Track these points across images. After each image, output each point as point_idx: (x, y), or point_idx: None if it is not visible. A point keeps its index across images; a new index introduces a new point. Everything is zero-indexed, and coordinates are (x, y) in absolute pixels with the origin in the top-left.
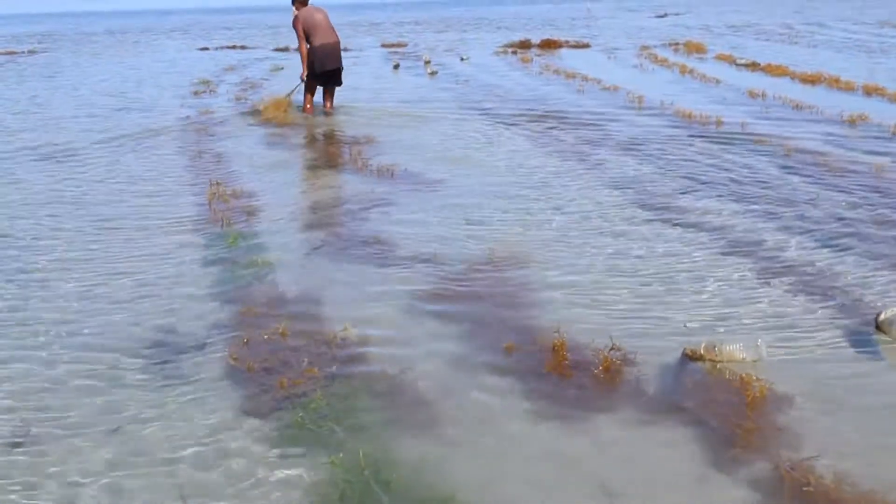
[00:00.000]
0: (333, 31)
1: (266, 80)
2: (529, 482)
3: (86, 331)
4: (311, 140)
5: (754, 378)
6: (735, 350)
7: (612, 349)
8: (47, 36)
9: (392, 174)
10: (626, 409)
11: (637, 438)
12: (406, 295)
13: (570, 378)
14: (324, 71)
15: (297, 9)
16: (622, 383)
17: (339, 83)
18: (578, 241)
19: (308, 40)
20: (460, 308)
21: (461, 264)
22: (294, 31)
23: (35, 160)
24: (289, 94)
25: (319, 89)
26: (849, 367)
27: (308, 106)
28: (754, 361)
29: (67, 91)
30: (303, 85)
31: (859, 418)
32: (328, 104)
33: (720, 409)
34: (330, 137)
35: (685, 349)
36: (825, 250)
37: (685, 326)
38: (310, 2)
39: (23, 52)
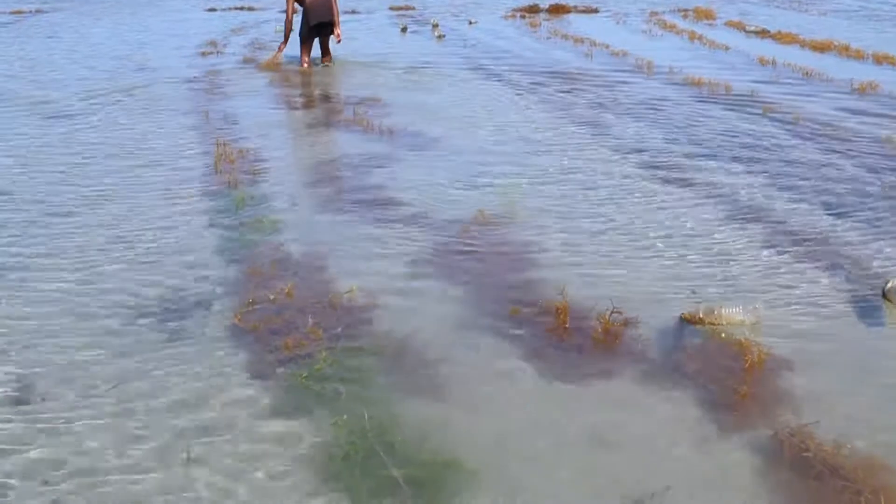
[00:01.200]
0: None
1: (274, 41)
2: (532, 445)
3: (91, 290)
4: (318, 100)
5: (753, 342)
6: (734, 313)
7: (612, 312)
8: None
9: (397, 134)
10: (627, 371)
11: (636, 401)
12: (412, 256)
13: (571, 340)
14: (317, 23)
15: None
16: (622, 346)
17: (333, 33)
18: (584, 204)
19: (302, 1)
20: (466, 268)
21: (466, 225)
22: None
23: (40, 118)
24: (277, 53)
25: (316, 45)
26: (853, 334)
27: (305, 62)
28: (753, 325)
29: (72, 50)
30: (279, 53)
31: (862, 385)
32: (326, 58)
33: (718, 372)
34: (335, 98)
35: (683, 314)
36: (832, 217)
37: (692, 293)
38: None
39: (30, 12)
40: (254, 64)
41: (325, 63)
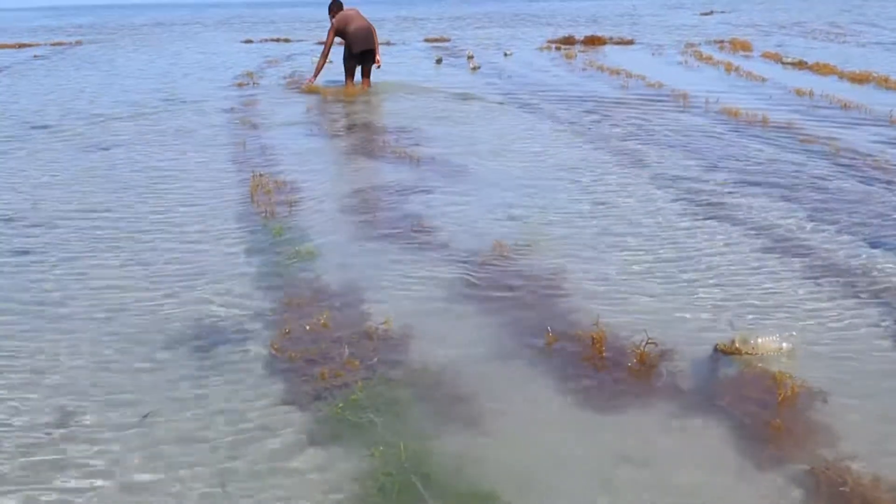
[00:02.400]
0: (365, 19)
1: (310, 72)
2: (568, 478)
3: (128, 318)
4: (352, 130)
5: (789, 373)
6: (769, 342)
7: (647, 342)
8: (94, 27)
9: (431, 164)
10: (662, 403)
11: (671, 434)
12: (446, 286)
13: (607, 370)
14: (360, 51)
15: (332, 17)
16: (658, 377)
17: (375, 62)
18: (619, 235)
19: (344, 31)
20: (501, 298)
21: (499, 254)
22: (326, 38)
23: (76, 149)
24: (312, 78)
25: (358, 70)
26: (889, 365)
27: (348, 87)
28: (789, 354)
29: (111, 83)
30: (311, 83)
31: None
32: (366, 82)
33: (753, 405)
34: (370, 127)
35: (717, 344)
36: (872, 249)
37: (730, 325)
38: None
39: (70, 44)
40: (290, 92)
41: (365, 87)
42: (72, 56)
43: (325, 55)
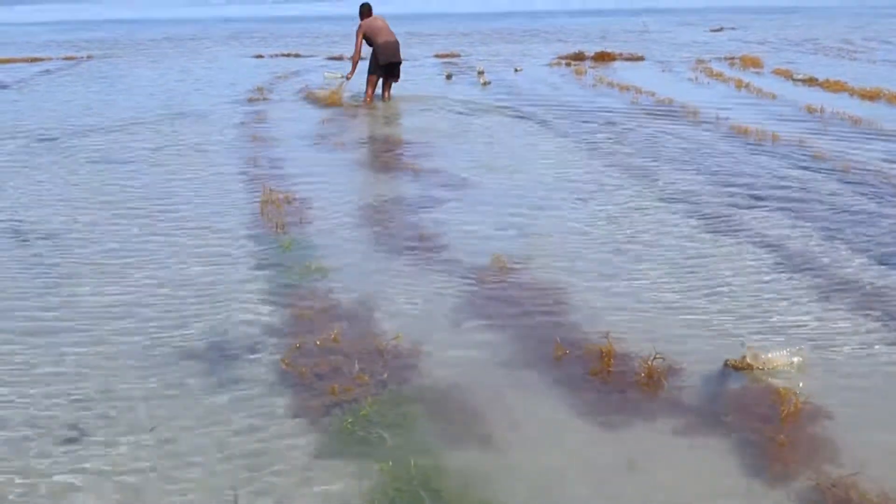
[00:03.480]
0: (393, 33)
1: (322, 88)
2: (576, 494)
3: (138, 332)
4: (362, 145)
5: (797, 389)
6: (779, 359)
7: (655, 357)
8: (105, 42)
9: (441, 179)
10: (669, 418)
11: (677, 450)
12: (456, 301)
13: (615, 384)
14: (386, 63)
15: (362, 19)
16: (665, 391)
17: (398, 77)
18: (628, 251)
19: (372, 41)
20: (510, 313)
21: (510, 269)
22: (355, 38)
23: (88, 162)
24: (338, 88)
25: (380, 83)
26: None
27: (369, 98)
28: (798, 369)
29: (122, 97)
30: (346, 81)
31: None
32: (387, 94)
33: (760, 421)
34: (381, 141)
35: (727, 360)
36: (881, 266)
37: (741, 343)
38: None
39: (82, 58)
40: (301, 106)
41: (385, 99)
42: (83, 71)
43: (356, 55)
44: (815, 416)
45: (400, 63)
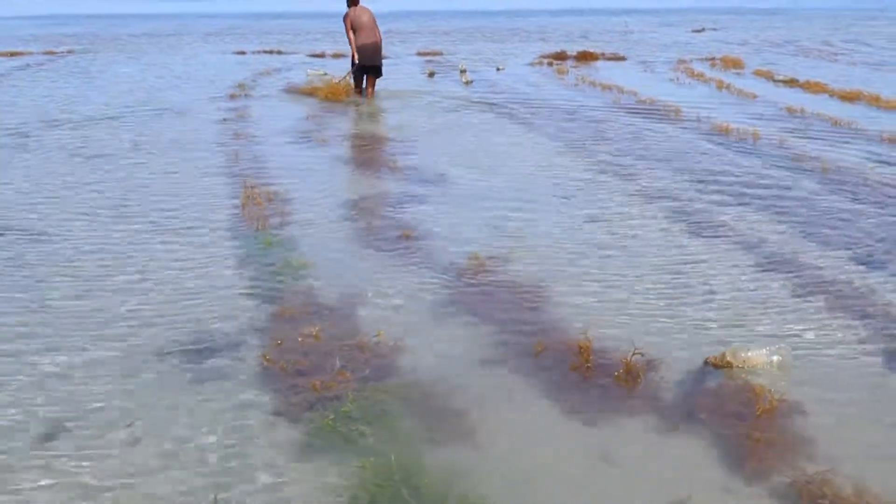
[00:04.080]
0: (376, 31)
1: (307, 85)
2: (555, 488)
3: (118, 328)
4: (344, 142)
5: (775, 386)
6: (759, 357)
7: (634, 353)
8: (86, 37)
9: (421, 176)
10: (647, 414)
11: (656, 447)
12: (437, 297)
13: (593, 380)
14: (366, 66)
15: (349, 7)
16: (644, 387)
17: (380, 75)
18: (608, 248)
19: (356, 33)
20: (490, 310)
21: (488, 266)
22: (344, 26)
23: (67, 156)
24: (342, 79)
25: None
26: (874, 380)
27: (358, 90)
28: (779, 367)
29: (101, 92)
30: (352, 76)
31: (882, 431)
32: (370, 91)
33: (737, 418)
34: (362, 138)
35: (708, 358)
36: (860, 266)
37: (720, 343)
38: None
39: (62, 53)
40: (283, 103)
41: (369, 96)
42: (62, 66)
43: (351, 42)
44: (792, 413)
45: (379, 65)
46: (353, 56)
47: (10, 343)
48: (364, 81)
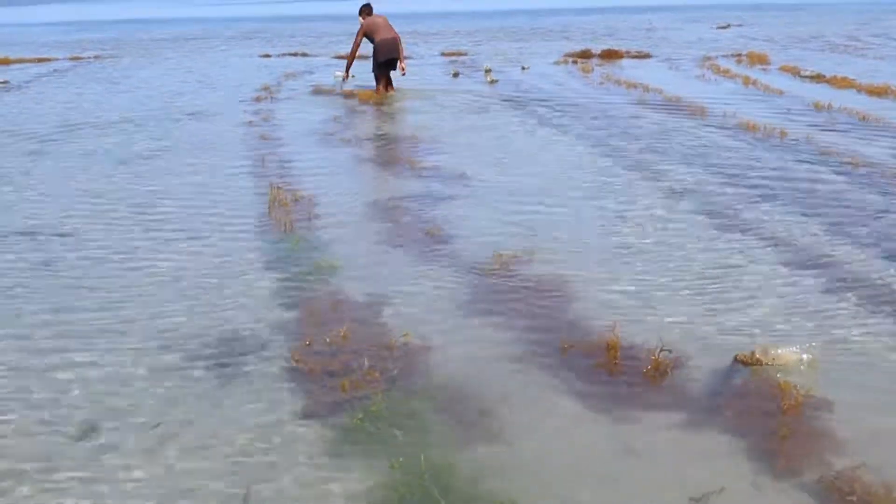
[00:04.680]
0: (392, 29)
1: (329, 85)
2: (584, 489)
3: (149, 331)
4: (369, 142)
5: (804, 383)
6: (789, 354)
7: (661, 350)
8: (113, 42)
9: (448, 175)
10: (676, 411)
11: (683, 443)
12: (466, 296)
13: (622, 377)
14: (385, 60)
15: (363, 19)
16: (672, 384)
17: (399, 69)
18: (636, 246)
19: (372, 38)
20: (518, 308)
21: (518, 264)
22: (355, 37)
23: (94, 162)
24: (346, 75)
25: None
26: None
27: (379, 90)
28: (809, 366)
29: (129, 97)
30: (348, 79)
31: None
32: (390, 87)
33: (767, 415)
34: (388, 138)
35: (737, 355)
36: (890, 261)
37: (749, 337)
38: (374, 11)
39: (89, 58)
40: (309, 105)
41: (390, 92)
42: (89, 70)
43: (353, 53)
44: (821, 410)
45: (398, 59)
46: (349, 66)
47: (42, 341)
48: (384, 80)
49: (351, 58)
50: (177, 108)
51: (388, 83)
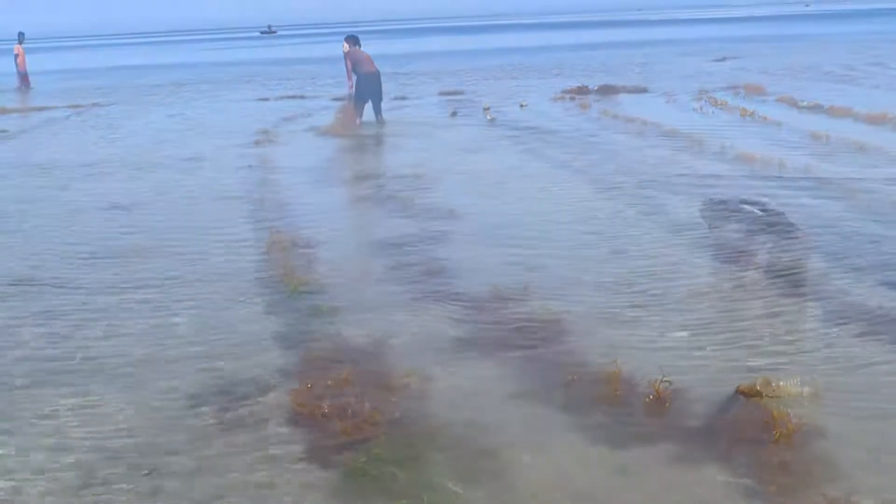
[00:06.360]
0: (374, 64)
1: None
2: None
3: (149, 376)
4: (366, 182)
5: (802, 413)
6: (791, 386)
7: (662, 381)
8: (111, 88)
9: (446, 213)
10: (676, 443)
11: (685, 475)
12: (465, 335)
13: (624, 411)
14: (372, 91)
15: (348, 45)
16: (672, 416)
17: (381, 98)
18: (634, 279)
19: (356, 70)
20: (519, 345)
21: (514, 301)
22: (345, 61)
23: (96, 209)
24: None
25: (368, 108)
26: None
27: (358, 122)
28: (810, 398)
29: (127, 143)
30: (353, 103)
31: None
32: (381, 116)
33: (761, 444)
34: (385, 177)
35: (739, 386)
36: (890, 291)
37: (749, 370)
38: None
39: (87, 106)
40: (307, 148)
41: (381, 121)
42: (88, 118)
43: (349, 72)
44: (822, 441)
45: (380, 91)
46: (351, 86)
47: (35, 388)
48: (369, 110)
49: (350, 75)
50: (176, 153)
51: (379, 114)
